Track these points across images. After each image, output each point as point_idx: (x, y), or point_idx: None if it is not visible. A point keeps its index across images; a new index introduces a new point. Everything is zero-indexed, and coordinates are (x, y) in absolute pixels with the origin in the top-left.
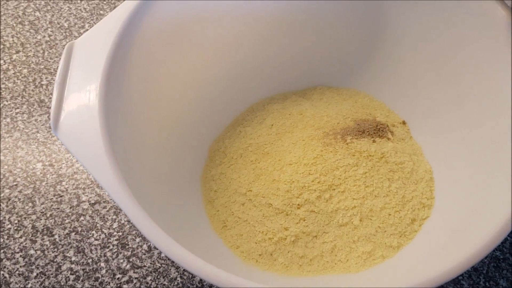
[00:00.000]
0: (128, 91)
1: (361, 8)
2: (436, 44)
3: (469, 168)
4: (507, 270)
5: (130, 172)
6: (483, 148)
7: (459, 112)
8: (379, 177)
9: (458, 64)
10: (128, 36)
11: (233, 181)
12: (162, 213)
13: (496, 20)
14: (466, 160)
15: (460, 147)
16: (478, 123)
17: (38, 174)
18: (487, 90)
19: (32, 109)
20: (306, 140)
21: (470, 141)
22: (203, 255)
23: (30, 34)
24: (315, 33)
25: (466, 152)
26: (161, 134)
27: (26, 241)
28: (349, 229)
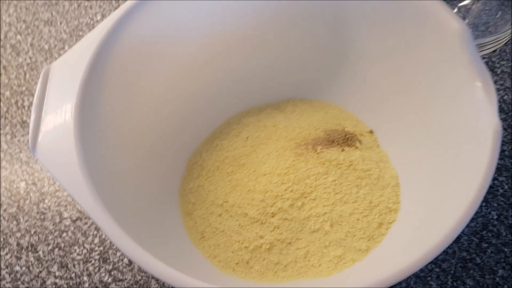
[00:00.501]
0: (103, 110)
1: (328, 28)
2: (397, 58)
3: (430, 173)
4: (474, 270)
5: (105, 189)
6: (442, 154)
7: (421, 120)
8: (348, 184)
9: (417, 76)
10: (102, 58)
11: (210, 193)
12: (139, 227)
13: (449, 33)
14: (428, 166)
15: (422, 153)
16: (437, 131)
17: (22, 192)
18: (444, 99)
19: (15, 130)
20: (280, 151)
21: (431, 147)
22: (181, 266)
23: (12, 57)
24: (288, 50)
25: (428, 158)
26: (138, 150)
27: (11, 257)
28: (321, 234)
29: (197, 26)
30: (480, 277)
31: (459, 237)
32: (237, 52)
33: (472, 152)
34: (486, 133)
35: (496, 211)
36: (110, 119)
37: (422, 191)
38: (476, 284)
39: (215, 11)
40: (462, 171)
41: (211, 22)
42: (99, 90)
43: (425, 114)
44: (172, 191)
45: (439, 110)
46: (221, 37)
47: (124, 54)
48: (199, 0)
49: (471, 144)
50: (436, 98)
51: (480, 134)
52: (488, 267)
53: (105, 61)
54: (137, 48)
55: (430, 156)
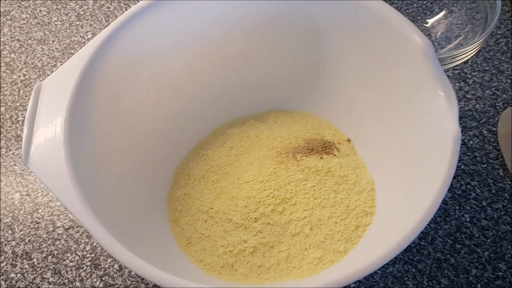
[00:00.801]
0: (92, 124)
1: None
2: (370, 72)
3: (400, 178)
4: (448, 269)
5: (95, 197)
6: (410, 159)
7: (392, 129)
8: (326, 190)
9: (388, 87)
10: (90, 74)
11: (196, 200)
12: (128, 234)
13: (414, 48)
14: (398, 171)
15: (394, 160)
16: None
17: (16, 203)
18: (411, 108)
19: (9, 143)
20: (262, 160)
21: (400, 154)
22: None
23: (6, 75)
24: (270, 65)
25: (398, 163)
26: (126, 161)
27: (7, 265)
28: (301, 237)
29: (182, 43)
30: (455, 276)
31: (433, 239)
32: (221, 68)
33: (434, 157)
34: (447, 139)
35: (469, 214)
36: (98, 132)
37: (394, 195)
38: (451, 283)
39: (198, 30)
40: (426, 174)
41: (194, 40)
42: (88, 105)
43: (396, 123)
44: (159, 200)
45: (407, 119)
46: (206, 54)
47: (111, 71)
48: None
49: (434, 150)
50: (404, 108)
51: (441, 140)
52: (462, 267)
53: (93, 77)
54: (123, 65)
55: (400, 162)
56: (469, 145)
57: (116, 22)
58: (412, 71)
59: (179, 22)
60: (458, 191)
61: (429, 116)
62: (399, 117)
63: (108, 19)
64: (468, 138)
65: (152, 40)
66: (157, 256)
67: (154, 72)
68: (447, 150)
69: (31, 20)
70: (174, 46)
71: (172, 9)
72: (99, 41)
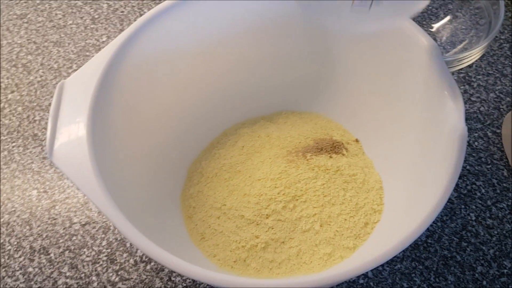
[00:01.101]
0: (112, 121)
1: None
2: (378, 74)
3: (408, 176)
4: (454, 266)
5: (116, 191)
6: (417, 158)
7: (400, 130)
8: (335, 188)
9: (396, 89)
10: (110, 74)
11: (209, 197)
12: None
13: (420, 49)
14: (405, 170)
15: (401, 159)
16: (413, 139)
17: (34, 200)
18: (418, 109)
19: (27, 142)
20: (272, 158)
21: (408, 154)
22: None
23: (23, 76)
24: (279, 67)
25: (405, 163)
26: (143, 159)
27: (25, 260)
28: (311, 234)
29: (198, 45)
30: (461, 273)
31: (440, 237)
32: (233, 70)
33: (441, 155)
34: (454, 138)
35: (474, 213)
36: (118, 130)
37: (402, 193)
38: (457, 280)
39: (212, 32)
40: (433, 173)
41: (209, 42)
42: (108, 103)
43: (403, 124)
44: (174, 197)
45: (414, 119)
46: (219, 57)
47: (130, 71)
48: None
49: (441, 149)
50: (411, 109)
51: (448, 139)
52: (468, 264)
53: (113, 77)
54: (141, 66)
55: (407, 161)
56: (474, 146)
57: (135, 24)
58: (419, 72)
59: (195, 24)
60: (463, 190)
61: (435, 116)
62: (406, 118)
63: (122, 23)
64: (473, 139)
65: (169, 41)
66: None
67: (170, 73)
68: (453, 148)
69: (47, 23)
70: (189, 48)
71: (189, 11)
72: (119, 43)
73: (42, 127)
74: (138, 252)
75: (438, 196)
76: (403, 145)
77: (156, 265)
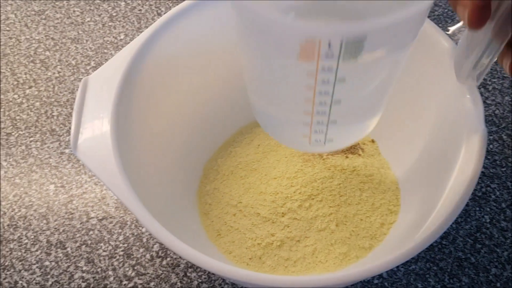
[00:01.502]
0: (134, 117)
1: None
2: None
3: (426, 177)
4: (469, 268)
5: (138, 186)
6: (436, 159)
7: (417, 131)
8: (352, 188)
9: (414, 90)
10: (133, 72)
11: (225, 194)
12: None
13: (441, 51)
14: (423, 171)
15: (419, 160)
16: (431, 139)
17: (51, 194)
18: (437, 110)
19: (44, 137)
20: (288, 157)
21: (426, 155)
22: None
23: (41, 71)
24: None
25: (423, 164)
26: (162, 154)
27: (41, 253)
28: (327, 233)
29: (216, 44)
30: (475, 275)
31: (455, 238)
32: None
33: (460, 158)
34: (474, 140)
35: (489, 215)
36: (140, 127)
37: (419, 194)
38: (471, 281)
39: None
40: (452, 175)
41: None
42: (131, 100)
43: (421, 125)
44: (190, 193)
45: (433, 120)
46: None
47: (151, 69)
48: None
49: (460, 151)
50: (430, 110)
51: (467, 141)
52: (482, 266)
53: (136, 74)
54: (162, 64)
55: (425, 163)
56: (489, 149)
57: (157, 23)
58: (438, 74)
59: (217, 22)
60: (478, 193)
61: (454, 118)
62: (424, 119)
63: (140, 21)
64: (488, 142)
65: (190, 40)
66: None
67: (189, 71)
68: (473, 151)
69: (65, 19)
70: (208, 46)
71: (210, 10)
72: (141, 41)
73: (60, 122)
74: (155, 247)
75: (457, 199)
76: (420, 147)
77: (172, 261)
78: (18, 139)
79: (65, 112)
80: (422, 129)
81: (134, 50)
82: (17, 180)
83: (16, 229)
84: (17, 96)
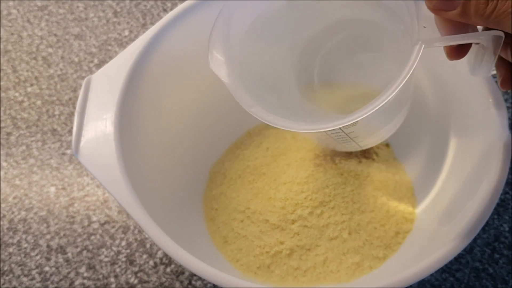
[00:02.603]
0: (139, 119)
1: None
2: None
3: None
4: (486, 279)
5: (141, 191)
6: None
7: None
8: (365, 194)
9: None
10: (137, 71)
11: (232, 200)
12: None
13: None
14: (442, 178)
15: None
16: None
17: (52, 197)
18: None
19: (45, 137)
20: (299, 161)
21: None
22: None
23: (43, 69)
24: None
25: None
26: (167, 158)
27: (41, 258)
28: (339, 242)
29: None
30: (493, 286)
31: (472, 248)
32: None
33: (483, 164)
34: (497, 146)
35: (508, 224)
36: (144, 129)
37: (437, 202)
38: None
39: None
40: (474, 182)
41: None
42: (135, 101)
43: (440, 128)
44: (196, 197)
45: (453, 124)
46: None
47: (156, 69)
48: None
49: (482, 157)
50: (451, 114)
51: (491, 147)
52: (500, 277)
53: (140, 74)
54: (166, 65)
55: (444, 169)
56: None
57: (164, 19)
58: (461, 77)
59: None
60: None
61: (478, 123)
62: (443, 123)
63: (145, 17)
64: None
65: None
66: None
67: (195, 71)
68: (497, 157)
69: (68, 15)
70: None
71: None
72: (146, 40)
73: (61, 122)
74: (159, 253)
75: (481, 210)
76: (439, 152)
77: (177, 268)
78: (18, 139)
79: (67, 111)
80: (441, 134)
81: (139, 48)
82: (17, 181)
83: (15, 233)
84: (18, 94)
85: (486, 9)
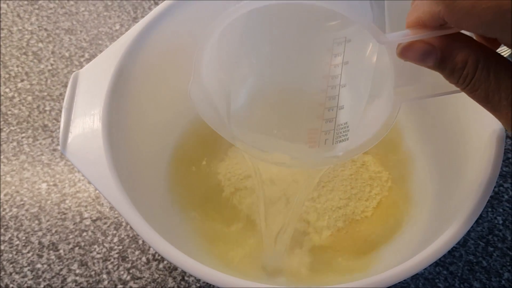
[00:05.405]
0: (127, 115)
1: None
2: None
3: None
4: (480, 272)
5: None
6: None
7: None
8: (362, 182)
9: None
10: (126, 66)
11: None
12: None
13: None
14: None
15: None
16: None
17: (43, 193)
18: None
19: (36, 133)
20: None
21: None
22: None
23: (34, 64)
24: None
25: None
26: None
27: (33, 256)
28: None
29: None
30: (487, 279)
31: (465, 241)
32: None
33: (477, 157)
34: (491, 139)
35: (502, 216)
36: (132, 124)
37: (432, 194)
38: (483, 286)
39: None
40: (469, 174)
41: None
42: (124, 96)
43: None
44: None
45: (447, 118)
46: None
47: (146, 63)
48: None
49: (477, 150)
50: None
51: (485, 139)
52: (494, 270)
53: (129, 68)
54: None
55: (439, 162)
56: None
57: (153, 13)
58: None
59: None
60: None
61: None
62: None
63: (136, 10)
64: None
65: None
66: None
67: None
68: (491, 149)
69: (59, 9)
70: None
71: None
72: (135, 33)
73: (52, 117)
74: (151, 250)
75: (474, 202)
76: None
77: (169, 264)
78: (9, 135)
79: (58, 106)
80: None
81: (128, 43)
82: (8, 178)
83: (7, 230)
84: (8, 90)
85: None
